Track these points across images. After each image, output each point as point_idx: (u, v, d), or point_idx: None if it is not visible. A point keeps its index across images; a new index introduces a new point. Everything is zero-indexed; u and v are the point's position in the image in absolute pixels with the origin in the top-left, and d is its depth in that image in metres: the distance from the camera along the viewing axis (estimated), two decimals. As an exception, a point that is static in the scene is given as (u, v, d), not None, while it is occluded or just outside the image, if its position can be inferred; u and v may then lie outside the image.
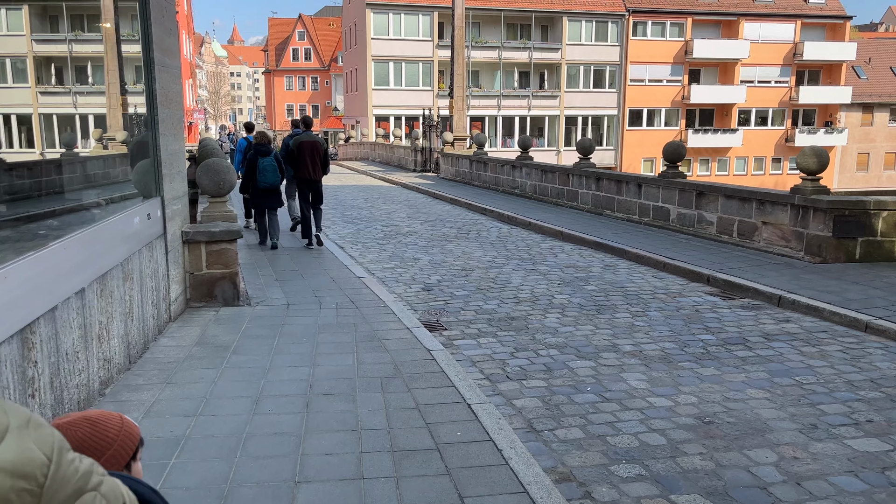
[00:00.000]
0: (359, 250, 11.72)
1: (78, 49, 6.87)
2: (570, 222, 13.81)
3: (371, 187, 23.60)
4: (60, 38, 6.65)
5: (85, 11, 7.21)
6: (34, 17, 6.30)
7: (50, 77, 6.57)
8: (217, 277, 7.24)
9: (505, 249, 11.77)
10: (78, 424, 1.64)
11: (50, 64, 6.50)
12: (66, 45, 6.68)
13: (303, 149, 11.06)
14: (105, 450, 1.64)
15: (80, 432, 1.62)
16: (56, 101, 6.44)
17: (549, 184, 17.02)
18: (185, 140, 7.84)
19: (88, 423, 1.65)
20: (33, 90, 6.23)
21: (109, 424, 1.67)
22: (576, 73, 47.74)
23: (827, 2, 50.51)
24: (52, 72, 6.62)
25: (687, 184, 12.26)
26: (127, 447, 1.69)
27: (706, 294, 8.61)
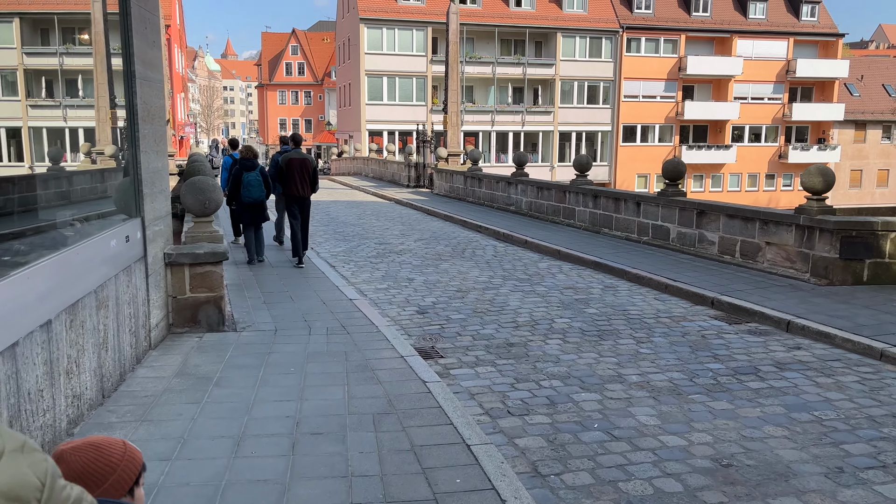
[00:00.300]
0: (351, 269, 11.37)
1: (69, 62, 6.66)
2: (568, 241, 13.51)
3: (364, 203, 23.29)
4: (51, 52, 6.45)
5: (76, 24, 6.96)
6: (25, 30, 6.07)
7: (40, 90, 6.42)
8: (201, 302, 6.88)
9: (501, 269, 11.45)
10: (82, 450, 1.68)
11: (40, 77, 6.34)
12: (56, 58, 6.48)
13: (292, 165, 10.93)
14: (109, 475, 1.68)
15: (84, 457, 1.66)
16: (46, 114, 6.31)
17: (546, 201, 16.74)
18: (176, 154, 7.53)
19: (93, 448, 1.69)
20: (23, 103, 6.07)
21: (113, 450, 1.72)
22: (570, 88, 47.73)
23: (819, 19, 50.79)
24: (43, 85, 6.46)
25: (687, 202, 11.99)
26: (130, 472, 1.75)
27: (711, 318, 8.30)
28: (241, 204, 11.18)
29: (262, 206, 11.23)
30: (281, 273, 10.53)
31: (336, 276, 10.41)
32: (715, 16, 49.05)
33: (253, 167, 11.10)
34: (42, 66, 6.30)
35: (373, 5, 43.91)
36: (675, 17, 48.37)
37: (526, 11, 46.21)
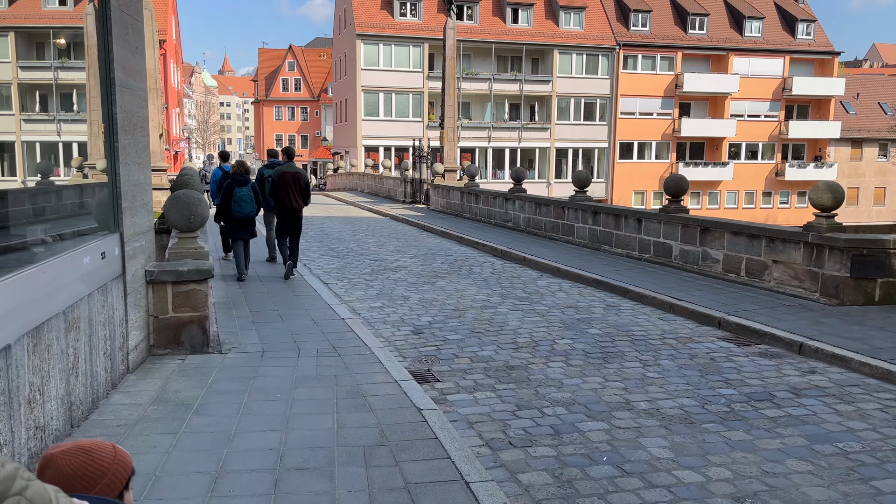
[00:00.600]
0: (344, 287, 11.02)
1: (64, 76, 6.50)
2: (567, 258, 13.18)
3: (359, 219, 22.96)
4: (46, 66, 6.31)
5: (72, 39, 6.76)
6: (20, 44, 5.83)
7: (34, 104, 6.32)
8: (184, 322, 6.51)
9: (500, 287, 11.10)
10: (72, 454, 1.66)
11: (35, 91, 6.24)
12: (51, 72, 6.32)
13: (284, 179, 10.85)
14: (100, 479, 1.67)
15: (75, 461, 1.64)
16: (40, 128, 6.23)
17: (544, 217, 16.44)
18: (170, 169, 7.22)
19: (83, 451, 1.67)
20: (17, 117, 5.90)
21: (104, 453, 1.70)
22: (566, 105, 47.67)
23: (815, 38, 50.97)
24: (37, 99, 6.34)
25: (690, 219, 11.69)
26: (120, 476, 1.73)
27: (719, 339, 7.96)
28: (231, 219, 10.95)
29: (251, 221, 11.07)
30: (271, 290, 10.17)
31: (329, 293, 10.05)
32: (711, 33, 49.17)
33: (245, 182, 10.88)
34: (37, 80, 6.24)
35: (369, 21, 43.89)
36: (671, 34, 48.46)
37: (523, 28, 46.25)
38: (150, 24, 22.05)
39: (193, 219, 6.75)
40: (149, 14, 22.00)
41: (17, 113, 5.98)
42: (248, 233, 11.04)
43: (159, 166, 22.77)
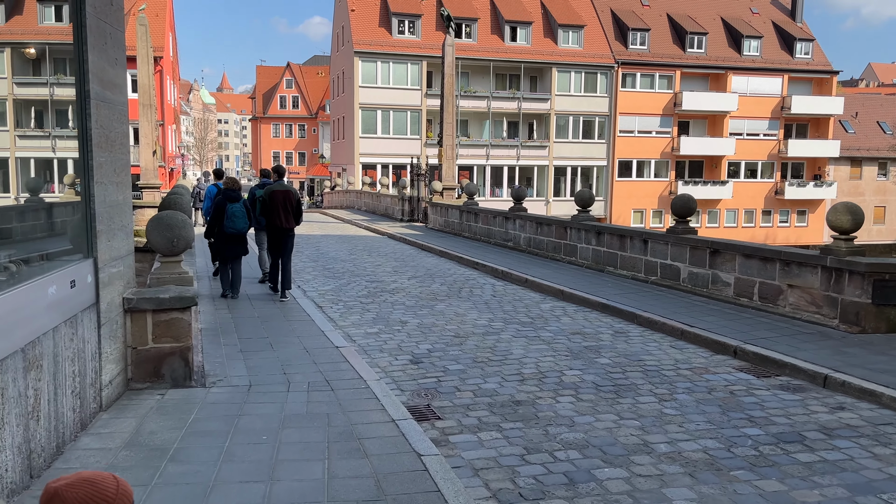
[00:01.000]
0: (339, 311, 10.54)
1: (59, 92, 6.20)
2: (571, 280, 12.73)
3: (356, 237, 22.52)
4: (42, 82, 6.01)
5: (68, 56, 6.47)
6: (16, 60, 5.48)
7: (30, 120, 6.18)
8: (165, 353, 6.03)
9: (502, 311, 10.64)
10: (78, 486, 1.69)
11: (30, 107, 6.10)
12: (47, 88, 6.02)
13: (275, 198, 10.74)
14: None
15: (81, 493, 1.67)
16: (35, 144, 6.10)
17: (546, 237, 16.01)
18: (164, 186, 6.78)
19: (88, 483, 1.70)
20: (11, 134, 5.57)
21: (108, 484, 1.72)
22: (565, 123, 47.47)
23: (813, 56, 50.98)
24: (32, 115, 6.19)
25: (699, 240, 11.26)
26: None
27: (736, 370, 7.49)
28: (223, 235, 10.85)
29: (243, 237, 10.99)
30: (262, 315, 9.69)
31: (323, 318, 9.57)
32: (709, 52, 49.14)
33: (237, 198, 10.87)
34: (32, 95, 6.08)
35: (367, 39, 43.75)
36: (669, 52, 48.42)
37: (521, 46, 46.15)
38: (145, 40, 21.74)
39: (177, 242, 6.29)
40: (143, 30, 21.71)
41: (12, 129, 5.73)
42: (241, 249, 10.99)
43: (153, 183, 22.38)
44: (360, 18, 44.51)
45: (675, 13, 50.55)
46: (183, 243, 6.34)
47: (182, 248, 6.37)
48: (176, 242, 6.29)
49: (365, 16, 44.68)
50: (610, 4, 50.02)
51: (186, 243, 6.38)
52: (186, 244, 6.39)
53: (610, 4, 50.02)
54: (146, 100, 21.94)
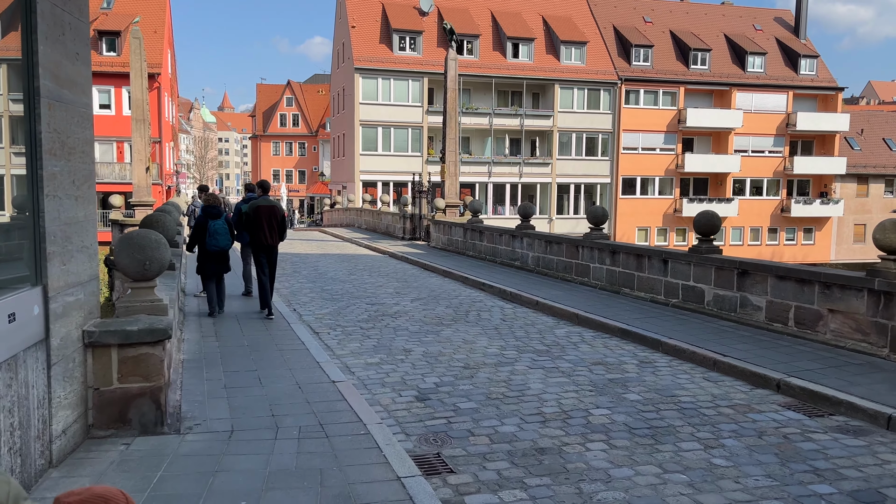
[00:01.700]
0: (337, 337, 9.70)
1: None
2: (585, 302, 11.90)
3: (356, 257, 21.70)
4: None
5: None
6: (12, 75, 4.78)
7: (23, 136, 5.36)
8: (133, 395, 5.19)
9: (514, 337, 9.80)
10: (90, 500, 1.67)
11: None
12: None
13: (260, 213, 10.50)
14: None
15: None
16: None
17: (555, 256, 15.19)
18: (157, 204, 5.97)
19: (101, 498, 1.68)
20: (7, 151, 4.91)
21: (119, 500, 1.69)
22: (568, 140, 46.85)
23: (818, 73, 50.49)
24: None
25: (726, 261, 10.44)
26: None
27: (783, 407, 6.64)
28: (205, 253, 10.64)
29: (226, 254, 10.77)
30: (252, 342, 8.84)
31: (318, 347, 8.73)
32: (713, 68, 48.64)
33: (218, 215, 10.62)
34: None
35: (368, 55, 43.24)
36: (673, 69, 47.92)
37: (523, 63, 45.65)
38: (139, 54, 21.08)
39: (149, 265, 5.47)
40: (137, 44, 21.06)
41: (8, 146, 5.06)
42: (223, 267, 10.77)
43: (145, 201, 21.61)
44: (360, 35, 44.05)
45: (677, 29, 50.14)
46: (156, 266, 5.52)
47: (155, 271, 5.55)
48: (148, 265, 5.47)
49: (366, 32, 44.22)
50: (612, 21, 49.63)
51: (160, 266, 5.56)
52: (160, 267, 5.57)
53: (612, 21, 49.63)
54: (139, 115, 21.23)
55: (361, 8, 45.21)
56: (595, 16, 49.58)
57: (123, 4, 43.01)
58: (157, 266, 5.54)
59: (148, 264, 5.46)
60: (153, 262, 5.48)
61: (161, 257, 5.54)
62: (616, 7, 50.99)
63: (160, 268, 5.57)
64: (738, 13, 53.71)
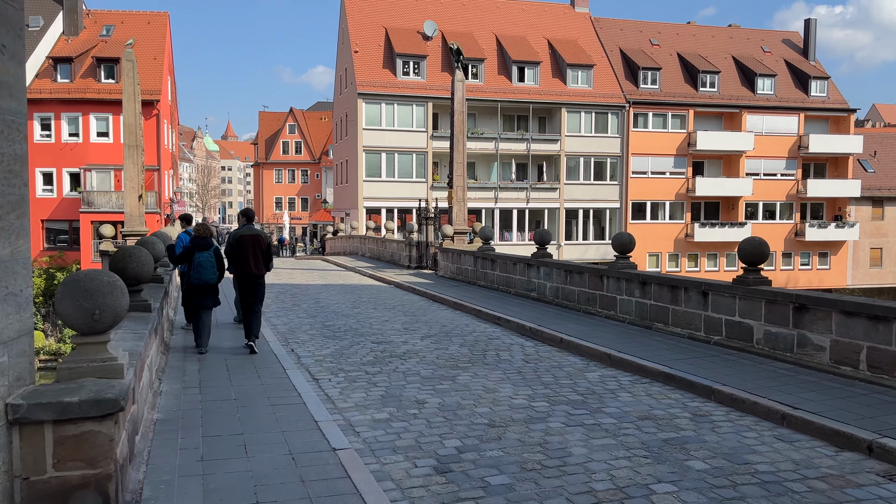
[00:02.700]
0: (339, 385, 8.49)
1: None
2: (615, 339, 10.68)
3: (360, 287, 20.53)
4: None
5: None
6: None
7: None
8: (73, 485, 3.99)
9: (541, 383, 8.58)
10: None
11: None
12: None
13: (244, 243, 10.17)
14: None
15: None
16: None
17: (577, 287, 14.00)
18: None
19: None
20: None
21: None
22: (575, 164, 45.89)
23: (829, 95, 49.64)
24: None
25: (779, 293, 9.24)
26: None
27: (884, 478, 5.43)
28: (189, 286, 10.20)
29: (212, 288, 10.12)
30: (241, 393, 7.63)
31: (317, 399, 7.52)
32: (722, 91, 47.83)
33: (206, 246, 10.07)
34: None
35: (371, 80, 42.52)
36: (681, 91, 47.12)
37: (529, 87, 44.88)
38: (132, 77, 20.15)
39: (100, 314, 4.30)
40: (131, 66, 20.14)
41: None
42: (210, 300, 10.14)
43: (138, 231, 20.52)
44: (363, 60, 43.38)
45: (685, 52, 49.45)
46: (109, 315, 4.36)
47: (108, 322, 4.39)
48: (98, 315, 4.30)
49: (369, 57, 43.55)
50: (618, 44, 48.97)
51: (115, 315, 4.40)
52: (115, 316, 4.40)
53: (618, 44, 48.97)
54: (132, 140, 20.23)
55: (364, 32, 44.62)
56: (601, 39, 48.95)
57: (123, 32, 42.44)
58: (111, 315, 4.37)
59: (98, 314, 4.29)
60: (105, 310, 4.32)
61: (115, 304, 4.37)
62: (622, 30, 50.39)
63: (114, 317, 4.40)
64: (745, 35, 53.08)
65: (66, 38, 42.52)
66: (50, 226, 40.16)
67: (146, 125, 40.23)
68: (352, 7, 45.91)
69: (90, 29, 43.39)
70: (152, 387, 7.32)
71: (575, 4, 51.00)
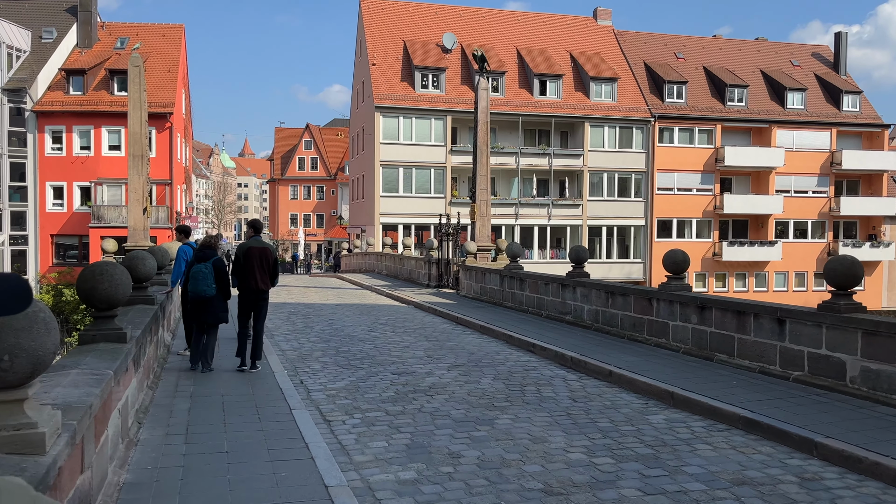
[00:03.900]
0: (356, 430, 7.08)
1: None
2: (674, 374, 9.19)
3: (377, 307, 19.16)
4: None
5: None
6: None
7: None
8: None
9: (597, 429, 7.12)
10: None
11: None
12: None
13: (251, 256, 9.68)
14: None
15: None
16: None
17: (620, 311, 12.52)
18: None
19: None
20: None
21: None
22: (599, 180, 44.44)
23: (862, 110, 47.94)
24: None
25: (882, 323, 7.72)
26: None
27: None
28: (186, 300, 9.80)
29: (208, 302, 9.46)
30: (235, 443, 6.23)
31: (328, 450, 6.11)
32: (751, 105, 46.29)
33: (205, 258, 9.58)
34: None
35: (389, 93, 41.44)
36: (709, 106, 45.64)
37: (551, 100, 43.60)
38: (138, 84, 19.04)
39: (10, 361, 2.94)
40: (136, 71, 19.04)
41: None
42: (209, 316, 9.49)
43: (143, 246, 19.33)
44: (381, 73, 42.35)
45: (711, 65, 48.03)
46: (24, 363, 2.99)
47: (23, 372, 3.02)
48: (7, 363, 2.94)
49: (386, 70, 42.53)
50: (642, 57, 47.66)
51: (34, 361, 3.03)
52: (34, 364, 3.03)
53: (642, 57, 47.66)
54: (137, 150, 19.08)
55: (382, 45, 43.65)
56: (625, 52, 47.67)
57: (137, 44, 41.73)
58: (28, 362, 3.00)
59: (7, 360, 2.92)
60: (18, 354, 2.95)
61: (36, 346, 3.00)
62: (646, 43, 49.11)
63: (34, 364, 3.03)
64: (773, 49, 51.60)
65: (79, 51, 41.90)
66: (60, 241, 39.26)
67: (159, 138, 39.35)
68: (370, 19, 45.01)
69: (104, 41, 42.77)
70: (127, 435, 5.95)
71: (598, 17, 49.82)
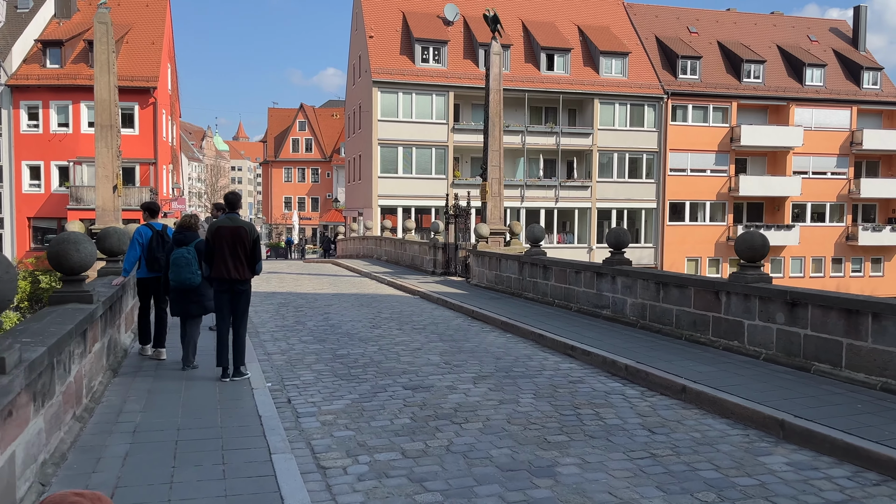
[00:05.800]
0: (362, 484, 4.97)
1: None
2: (770, 392, 7.08)
3: (378, 298, 17.00)
4: None
5: None
6: None
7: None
8: None
9: (703, 483, 5.03)
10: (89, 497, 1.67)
11: None
12: None
13: (220, 237, 7.83)
14: None
15: None
16: None
17: (675, 305, 10.38)
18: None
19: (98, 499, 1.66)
20: None
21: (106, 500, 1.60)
22: (608, 160, 42.21)
23: (882, 87, 45.71)
24: None
25: None
26: None
27: None
28: (171, 289, 8.49)
29: (194, 291, 8.31)
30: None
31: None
32: (768, 82, 44.02)
33: (184, 241, 8.31)
34: None
35: (387, 67, 39.05)
36: (724, 82, 43.36)
37: (559, 76, 41.27)
38: (106, 43, 16.70)
39: None
40: (104, 29, 16.69)
41: None
42: (193, 307, 8.39)
43: (113, 228, 17.09)
44: (379, 45, 39.91)
45: (726, 40, 45.69)
46: None
47: None
48: None
49: (385, 43, 40.09)
50: (654, 31, 45.29)
51: None
52: None
53: (654, 31, 45.29)
54: (106, 120, 16.79)
55: (380, 16, 41.18)
56: (635, 25, 45.28)
57: (119, 15, 39.15)
58: None
59: None
60: None
61: None
62: (657, 17, 46.72)
63: None
64: (790, 23, 49.26)
65: (57, 21, 39.32)
66: (37, 224, 36.93)
67: (142, 114, 36.95)
68: (367, -10, 42.52)
69: (83, 11, 40.15)
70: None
71: (606, -11, 47.39)
